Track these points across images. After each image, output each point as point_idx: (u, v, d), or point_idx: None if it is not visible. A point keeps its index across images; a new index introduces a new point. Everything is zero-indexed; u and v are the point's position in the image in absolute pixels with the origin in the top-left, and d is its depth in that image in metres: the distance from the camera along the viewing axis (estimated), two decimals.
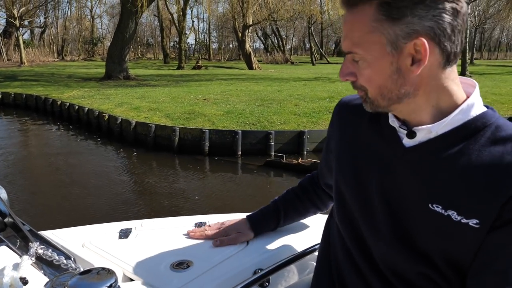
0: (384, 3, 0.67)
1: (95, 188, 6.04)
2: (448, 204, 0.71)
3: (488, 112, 0.74)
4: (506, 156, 0.68)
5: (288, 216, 1.19)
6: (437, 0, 0.65)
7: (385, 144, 0.81)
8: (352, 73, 0.75)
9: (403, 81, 0.71)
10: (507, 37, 65.09)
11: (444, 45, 0.68)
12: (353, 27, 0.70)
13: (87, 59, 39.56)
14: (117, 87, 14.14)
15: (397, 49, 0.68)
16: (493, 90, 12.91)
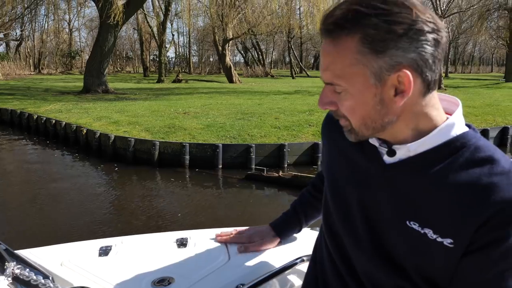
0: (367, 36, 0.66)
1: (73, 204, 5.91)
2: (425, 222, 0.71)
3: (469, 132, 0.74)
4: (483, 178, 0.68)
5: (308, 215, 1.23)
6: (420, 32, 0.66)
7: (366, 160, 0.81)
8: (333, 102, 0.74)
9: (386, 111, 0.71)
10: (479, 52, 67.30)
11: (426, 75, 0.68)
12: (335, 59, 0.69)
13: (64, 72, 39.01)
14: (95, 100, 13.97)
15: (380, 81, 0.68)
16: (467, 102, 13.29)
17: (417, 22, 0.65)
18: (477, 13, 28.55)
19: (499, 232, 0.66)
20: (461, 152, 0.72)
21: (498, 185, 0.67)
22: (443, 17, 19.58)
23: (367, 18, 0.65)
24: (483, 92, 18.53)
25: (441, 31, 0.68)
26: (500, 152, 0.73)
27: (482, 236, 0.67)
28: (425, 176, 0.72)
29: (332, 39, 0.69)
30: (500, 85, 24.05)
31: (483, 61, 74.13)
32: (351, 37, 0.67)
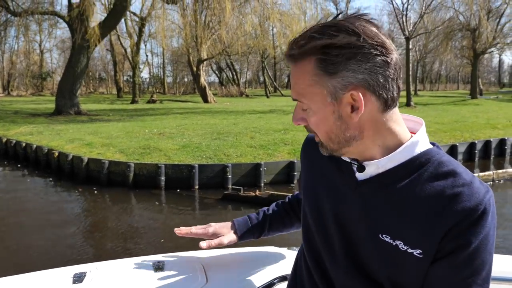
0: (321, 59, 0.74)
1: (44, 230, 5.73)
2: (396, 235, 0.76)
3: (433, 149, 0.81)
4: (446, 190, 0.74)
5: (272, 226, 1.23)
6: (367, 55, 0.73)
7: (341, 176, 0.87)
8: (303, 118, 0.81)
9: (346, 126, 0.77)
10: (446, 70, 69.91)
11: (379, 93, 0.75)
12: (298, 80, 0.78)
13: (35, 94, 38.22)
14: (68, 122, 13.71)
15: (336, 100, 0.76)
16: (436, 119, 13.74)
17: (363, 47, 0.72)
18: (442, 34, 29.80)
19: (462, 239, 0.71)
20: (426, 167, 0.77)
21: (461, 195, 0.73)
22: (410, 37, 20.32)
23: (320, 44, 0.73)
24: (450, 109, 19.20)
25: (390, 54, 0.75)
26: (462, 166, 0.78)
27: (447, 244, 0.72)
28: (394, 191, 0.78)
29: (294, 63, 0.78)
30: (466, 102, 25.00)
31: (449, 79, 76.94)
32: (308, 60, 0.76)
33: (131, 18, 31.77)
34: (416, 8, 25.73)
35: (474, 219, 0.71)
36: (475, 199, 0.72)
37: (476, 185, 0.74)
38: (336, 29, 0.73)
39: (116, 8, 16.61)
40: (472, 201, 0.72)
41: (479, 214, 0.71)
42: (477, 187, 0.74)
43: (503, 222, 6.33)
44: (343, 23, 0.74)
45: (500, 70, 74.64)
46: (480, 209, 0.71)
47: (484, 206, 0.72)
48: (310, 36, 0.75)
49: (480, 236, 0.71)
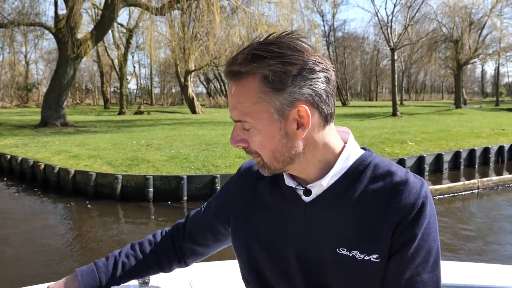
0: (267, 76, 0.74)
1: (28, 245, 5.63)
2: (351, 246, 0.78)
3: (365, 154, 0.84)
4: (386, 191, 0.78)
5: (126, 271, 1.04)
6: (312, 71, 0.75)
7: (287, 204, 0.86)
8: (243, 140, 0.80)
9: (292, 144, 0.78)
10: (430, 80, 71.11)
11: (322, 108, 0.77)
12: (241, 99, 0.77)
13: (20, 105, 37.76)
14: (54, 134, 13.56)
15: (283, 116, 0.76)
16: (422, 129, 13.94)
17: (308, 63, 0.74)
18: (426, 45, 30.37)
19: (408, 233, 0.76)
20: (364, 173, 0.81)
21: (400, 193, 0.77)
22: (395, 49, 20.67)
23: (264, 60, 0.73)
24: (435, 118, 19.50)
25: (330, 70, 0.78)
26: (395, 164, 0.83)
27: (396, 240, 0.76)
28: (339, 204, 0.80)
29: (237, 80, 0.77)
30: (451, 111, 25.42)
31: (434, 89, 78.27)
32: (253, 77, 0.75)
33: (119, 29, 31.79)
34: (401, 20, 26.21)
35: (416, 212, 0.76)
36: (413, 194, 0.77)
37: (412, 180, 0.78)
38: (277, 46, 0.74)
39: (103, 20, 16.59)
40: (411, 196, 0.76)
41: (419, 207, 0.76)
42: (413, 182, 0.78)
43: (491, 227, 6.43)
44: (283, 41, 0.76)
45: (483, 80, 76.20)
46: (419, 203, 0.76)
47: (422, 199, 0.77)
48: (253, 54, 0.74)
49: (423, 227, 0.76)
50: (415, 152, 10.05)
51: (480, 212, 7.47)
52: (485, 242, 5.82)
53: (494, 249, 5.59)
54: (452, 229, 6.29)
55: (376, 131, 12.97)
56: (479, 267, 1.51)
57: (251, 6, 18.14)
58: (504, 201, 8.08)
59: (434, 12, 28.12)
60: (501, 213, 7.30)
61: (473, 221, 6.85)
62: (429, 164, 10.00)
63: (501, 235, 6.16)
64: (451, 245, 5.54)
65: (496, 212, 7.38)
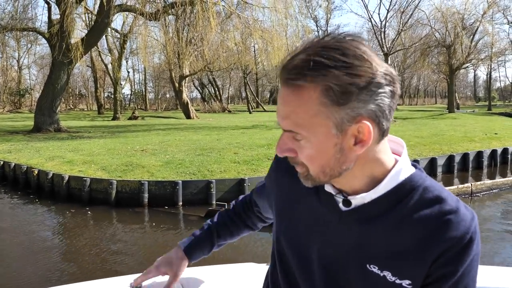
0: (330, 88, 0.66)
1: (21, 253, 5.58)
2: (384, 265, 0.74)
3: (416, 173, 0.78)
4: (433, 218, 0.72)
5: (221, 237, 1.18)
6: (379, 85, 0.68)
7: (322, 208, 0.82)
8: (291, 149, 0.74)
9: (345, 160, 0.72)
10: (424, 85, 71.65)
11: (382, 124, 0.71)
12: (297, 109, 0.69)
13: (13, 111, 37.49)
14: (47, 140, 13.47)
15: (342, 132, 0.69)
16: (416, 133, 14.03)
17: (376, 75, 0.68)
18: (419, 50, 30.65)
19: (449, 267, 0.71)
20: (411, 194, 0.75)
21: (448, 223, 0.72)
22: (389, 54, 20.83)
23: (329, 70, 0.66)
24: (429, 123, 19.63)
25: (396, 83, 0.71)
26: (446, 190, 0.77)
27: (434, 272, 0.72)
28: (380, 221, 0.75)
29: (294, 88, 0.69)
30: (444, 116, 25.61)
31: (427, 94, 78.83)
32: (314, 88, 0.67)
33: (113, 34, 31.76)
34: (394, 25, 26.47)
35: (461, 247, 0.71)
36: (463, 227, 0.71)
37: (462, 211, 0.73)
38: (341, 52, 0.67)
39: (97, 25, 16.57)
40: (460, 229, 0.71)
41: (466, 243, 0.71)
42: (463, 214, 0.73)
43: (485, 230, 6.47)
44: (347, 46, 0.68)
45: (476, 85, 76.90)
46: (467, 238, 0.71)
47: (470, 235, 0.71)
48: (315, 61, 0.67)
49: (466, 264, 0.71)
50: (409, 156, 9.97)
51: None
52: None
53: (488, 252, 5.62)
54: None
55: None
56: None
57: (246, 11, 18.20)
58: (497, 204, 8.14)
59: (427, 18, 28.41)
60: (494, 216, 7.35)
61: None
62: (423, 168, 10.02)
63: (496, 238, 6.20)
64: None
65: (490, 215, 7.43)
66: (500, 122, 20.32)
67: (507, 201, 8.31)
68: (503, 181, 9.15)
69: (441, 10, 28.07)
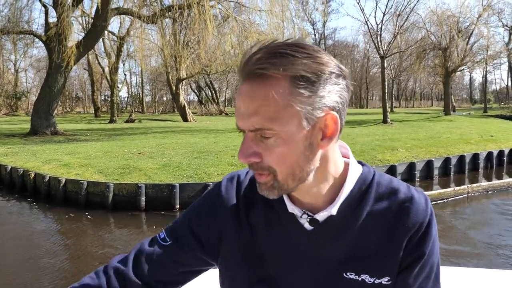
0: (299, 77, 0.65)
1: (17, 257, 5.55)
2: (359, 270, 0.74)
3: (365, 171, 0.78)
4: (391, 209, 0.75)
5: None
6: (338, 76, 0.68)
7: (288, 231, 0.78)
8: (257, 153, 0.68)
9: (313, 157, 0.69)
10: (420, 87, 71.88)
11: (341, 119, 0.69)
12: (267, 102, 0.65)
13: (9, 114, 37.38)
14: (44, 143, 13.44)
15: (311, 124, 0.67)
16: (412, 135, 14.07)
17: (334, 67, 0.68)
18: (415, 53, 30.76)
19: (417, 252, 0.74)
20: (367, 194, 0.76)
21: (407, 211, 0.74)
22: (385, 56, 20.91)
23: (296, 58, 0.64)
24: (425, 125, 19.70)
25: (349, 79, 0.71)
26: (395, 179, 0.79)
27: (405, 259, 0.74)
28: (346, 229, 0.75)
29: (261, 81, 0.66)
30: (440, 118, 25.71)
31: (424, 96, 79.08)
32: (283, 77, 0.65)
33: (110, 37, 31.73)
34: (390, 28, 26.56)
35: (424, 230, 0.74)
36: (421, 212, 0.74)
37: (416, 196, 0.75)
38: (301, 46, 0.66)
39: (94, 28, 16.57)
40: (419, 214, 0.74)
41: (426, 225, 0.74)
42: (418, 198, 0.75)
43: (482, 232, 6.49)
44: (303, 42, 0.67)
45: (471, 87, 77.23)
46: (426, 220, 0.74)
47: (429, 217, 0.74)
48: (281, 52, 0.65)
49: (430, 244, 0.74)
50: (405, 159, 10.14)
51: (470, 217, 7.54)
52: (475, 247, 5.88)
53: (485, 254, 5.65)
54: (443, 234, 6.35)
55: (367, 138, 13.06)
56: (473, 271, 1.53)
57: (242, 14, 18.26)
58: (493, 206, 8.17)
59: (423, 21, 28.54)
60: (490, 218, 7.38)
61: (462, 226, 6.91)
62: (420, 171, 10.09)
63: (491, 240, 6.22)
64: (444, 250, 5.58)
65: (486, 217, 7.46)
66: (496, 125, 20.41)
67: (503, 203, 8.35)
68: (499, 183, 9.20)
69: (437, 13, 28.23)
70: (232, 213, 0.82)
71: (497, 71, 77.97)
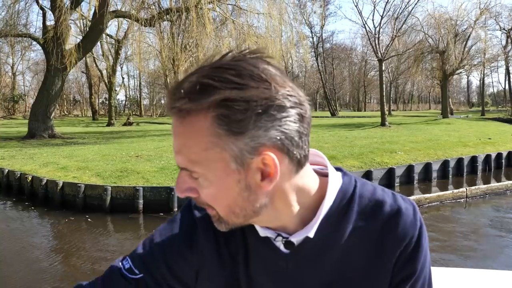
0: (222, 115, 0.57)
1: (14, 260, 5.52)
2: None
3: (345, 182, 0.71)
4: (378, 225, 0.68)
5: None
6: (281, 108, 0.58)
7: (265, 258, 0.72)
8: (192, 189, 0.63)
9: (255, 197, 0.62)
10: (418, 90, 72.12)
11: (293, 153, 0.61)
12: (188, 143, 0.60)
13: (6, 117, 37.30)
14: (41, 146, 13.39)
15: (243, 166, 0.59)
16: (410, 138, 14.08)
17: (277, 98, 0.58)
18: (413, 56, 30.87)
19: (408, 268, 0.69)
20: (350, 210, 0.69)
21: (395, 226, 0.68)
22: (383, 59, 20.96)
23: (219, 94, 0.56)
24: (423, 128, 19.73)
25: (304, 104, 0.62)
26: (379, 189, 0.72)
27: (395, 276, 0.69)
28: (329, 250, 0.69)
29: (182, 119, 0.59)
30: (438, 121, 25.76)
31: (421, 99, 79.37)
32: (204, 115, 0.58)
33: (107, 40, 31.76)
34: (388, 31, 26.66)
35: (414, 245, 0.69)
36: (410, 225, 0.69)
37: (404, 207, 0.70)
38: (236, 73, 0.57)
39: (92, 31, 16.57)
40: (407, 227, 0.69)
41: (416, 239, 0.69)
42: (406, 209, 0.69)
43: (479, 234, 6.49)
44: (244, 66, 0.58)
45: (469, 90, 77.58)
46: (416, 233, 0.69)
47: (418, 229, 0.69)
48: (203, 84, 0.57)
49: (421, 259, 0.70)
50: (404, 162, 10.14)
51: (468, 220, 7.54)
52: (472, 249, 5.87)
53: (481, 255, 5.64)
54: (441, 236, 6.34)
55: (366, 141, 13.06)
56: (471, 272, 1.52)
57: (240, 17, 18.29)
58: (492, 209, 8.17)
59: (420, 24, 28.65)
60: (488, 221, 7.37)
61: (461, 228, 6.90)
62: (418, 173, 10.09)
63: (489, 242, 6.22)
64: (442, 253, 5.57)
65: (483, 220, 7.46)
66: (494, 127, 20.48)
67: (501, 206, 8.35)
68: (498, 186, 9.21)
69: (434, 17, 28.35)
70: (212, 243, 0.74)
71: (495, 74, 78.35)
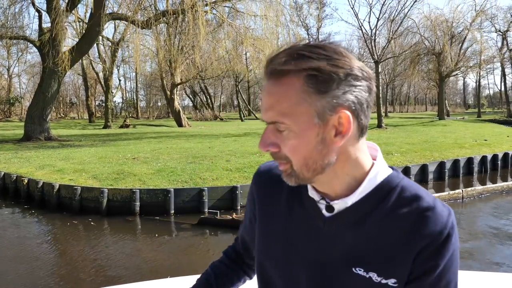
0: (312, 76, 0.70)
1: (11, 262, 5.49)
2: (369, 267, 0.76)
3: (393, 174, 0.80)
4: (412, 216, 0.75)
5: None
6: (356, 78, 0.72)
7: (306, 215, 0.83)
8: (275, 144, 0.75)
9: (327, 152, 0.74)
10: (414, 92, 72.31)
11: (360, 118, 0.73)
12: (281, 98, 0.72)
13: (2, 120, 37.11)
14: (37, 148, 13.34)
15: (323, 121, 0.71)
16: (407, 140, 14.12)
17: (354, 69, 0.72)
18: (409, 58, 30.99)
19: (430, 263, 0.74)
20: (390, 195, 0.77)
21: (426, 219, 0.74)
22: (379, 61, 21.03)
23: (311, 61, 0.70)
24: (420, 130, 19.79)
25: (372, 81, 0.75)
26: (422, 188, 0.80)
27: (416, 268, 0.74)
28: (362, 224, 0.77)
29: (278, 79, 0.72)
30: (434, 123, 25.85)
31: (418, 101, 79.57)
32: (297, 77, 0.71)
33: (104, 42, 31.70)
34: (384, 33, 26.75)
35: (441, 242, 0.73)
36: (440, 223, 0.74)
37: (439, 208, 0.76)
38: (323, 49, 0.72)
39: (89, 33, 16.53)
40: (438, 225, 0.74)
41: (444, 238, 0.74)
42: (441, 210, 0.75)
43: (476, 235, 6.51)
44: (329, 45, 0.73)
45: (465, 92, 77.86)
46: (445, 233, 0.74)
47: (448, 230, 0.74)
48: (300, 54, 0.71)
49: (446, 258, 0.74)
50: (400, 163, 10.17)
51: (464, 221, 7.56)
52: (470, 251, 5.89)
53: (477, 257, 5.65)
54: None
55: None
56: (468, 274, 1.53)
57: (237, 19, 18.31)
58: (488, 210, 8.20)
59: (417, 26, 28.77)
60: (484, 222, 7.40)
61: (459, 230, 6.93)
62: (415, 175, 10.11)
63: (486, 243, 6.24)
64: None
65: (480, 221, 7.48)
66: (490, 129, 20.56)
67: (497, 206, 8.38)
68: (494, 187, 9.24)
69: (430, 19, 28.47)
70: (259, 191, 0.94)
71: (491, 76, 78.74)
